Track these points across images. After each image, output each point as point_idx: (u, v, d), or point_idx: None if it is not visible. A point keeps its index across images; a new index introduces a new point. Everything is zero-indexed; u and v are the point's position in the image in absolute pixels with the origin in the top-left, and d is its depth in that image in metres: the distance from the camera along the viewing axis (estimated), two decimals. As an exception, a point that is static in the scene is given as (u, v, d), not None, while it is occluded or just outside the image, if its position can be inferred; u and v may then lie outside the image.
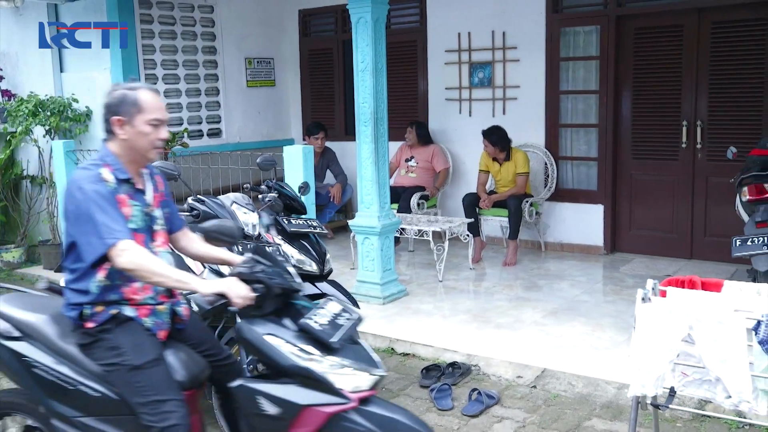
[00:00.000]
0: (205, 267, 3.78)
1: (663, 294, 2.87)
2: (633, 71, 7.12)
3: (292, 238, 4.30)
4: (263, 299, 2.62)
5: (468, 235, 6.86)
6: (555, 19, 7.41)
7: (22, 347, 2.77)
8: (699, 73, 6.74)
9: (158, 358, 2.70)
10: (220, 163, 6.83)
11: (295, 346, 2.57)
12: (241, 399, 2.66)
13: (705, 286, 2.91)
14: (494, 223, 7.46)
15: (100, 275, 2.67)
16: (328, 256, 4.43)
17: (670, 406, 2.90)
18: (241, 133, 9.03)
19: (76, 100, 7.85)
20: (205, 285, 2.62)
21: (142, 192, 2.81)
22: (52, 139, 7.69)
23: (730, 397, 2.58)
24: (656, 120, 7.07)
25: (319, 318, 2.63)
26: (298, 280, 2.78)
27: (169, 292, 2.90)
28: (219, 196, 3.92)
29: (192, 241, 3.11)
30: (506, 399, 4.19)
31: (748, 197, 4.69)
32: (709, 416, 3.72)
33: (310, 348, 2.57)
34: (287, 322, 2.66)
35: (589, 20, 7.27)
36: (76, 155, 7.29)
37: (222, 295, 2.57)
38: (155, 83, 8.02)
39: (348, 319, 2.70)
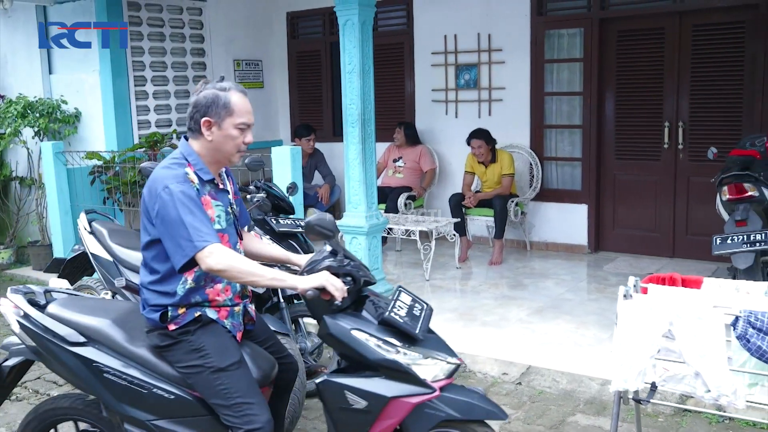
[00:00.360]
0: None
1: (644, 291, 2.95)
2: (616, 73, 7.25)
3: (281, 238, 4.37)
4: (349, 293, 2.65)
5: (454, 235, 6.95)
6: (539, 22, 7.52)
7: (89, 352, 2.72)
8: (680, 75, 6.87)
9: (241, 360, 2.70)
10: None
11: (381, 339, 2.61)
12: (327, 394, 2.66)
13: (685, 283, 3.01)
14: (480, 223, 7.57)
15: (188, 278, 2.65)
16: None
17: (652, 400, 2.99)
18: (230, 135, 9.06)
19: (65, 102, 7.89)
20: (302, 281, 2.59)
21: (225, 191, 2.80)
22: (41, 141, 7.73)
23: (709, 391, 2.65)
24: (639, 121, 7.20)
25: (399, 310, 2.67)
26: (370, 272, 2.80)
27: (242, 293, 2.88)
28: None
29: (253, 240, 3.10)
30: (492, 395, 4.28)
31: (728, 196, 4.81)
32: (690, 411, 3.83)
33: (394, 341, 2.62)
34: (367, 315, 2.69)
35: (573, 23, 7.39)
36: (65, 156, 7.33)
37: (321, 290, 2.56)
38: (144, 85, 8.08)
39: (421, 309, 2.76)
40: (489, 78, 7.87)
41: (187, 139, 2.75)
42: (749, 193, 4.69)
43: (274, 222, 4.39)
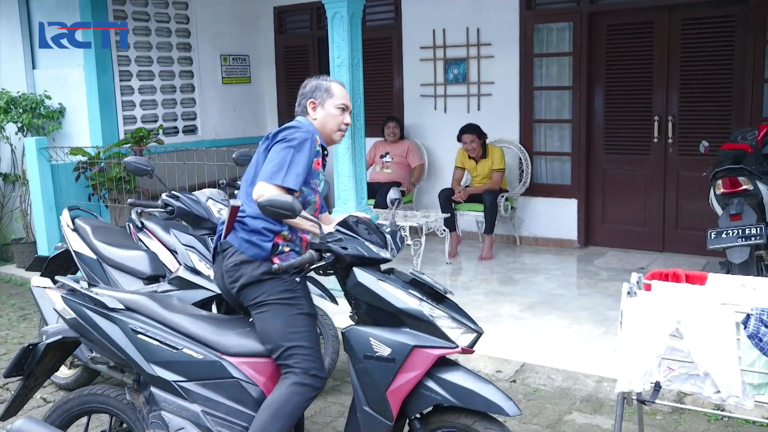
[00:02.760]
0: (180, 264, 3.76)
1: (648, 288, 2.89)
2: (605, 67, 7.22)
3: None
4: (333, 266, 2.80)
5: (444, 230, 6.91)
6: (528, 16, 7.48)
7: (126, 315, 2.89)
8: (670, 69, 6.86)
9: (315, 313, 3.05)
10: (196, 159, 6.79)
11: (406, 291, 2.72)
12: (353, 341, 2.75)
13: (689, 279, 2.95)
14: (470, 218, 7.52)
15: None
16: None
17: (656, 401, 2.93)
18: (217, 130, 8.98)
19: (48, 97, 7.77)
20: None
21: (323, 166, 3.18)
22: (25, 137, 7.60)
23: (718, 392, 2.59)
24: (628, 115, 7.18)
25: (424, 277, 2.79)
26: (386, 253, 2.87)
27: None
28: (194, 192, 3.91)
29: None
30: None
31: (722, 190, 4.78)
32: (688, 409, 3.79)
33: (420, 294, 2.73)
34: (393, 276, 2.83)
35: (562, 17, 7.35)
36: (48, 152, 7.21)
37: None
38: (129, 80, 7.97)
39: (443, 287, 2.84)
40: (478, 72, 7.82)
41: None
42: (743, 187, 4.67)
43: (264, 218, 4.32)
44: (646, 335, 2.64)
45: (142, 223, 4.23)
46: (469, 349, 2.76)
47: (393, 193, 3.38)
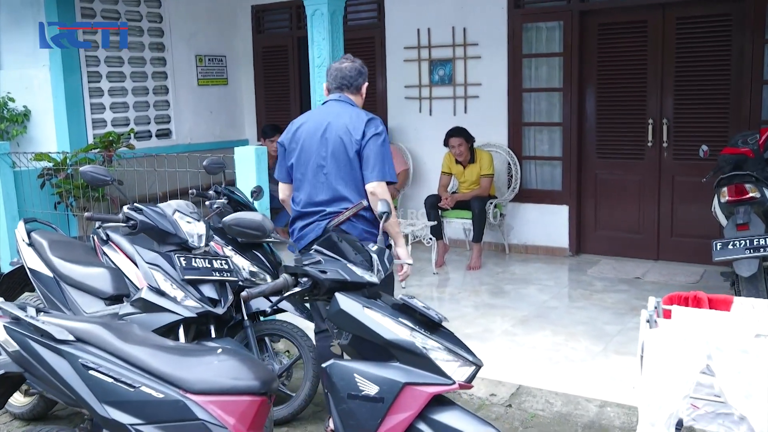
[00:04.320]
0: (146, 283, 3.40)
1: (667, 315, 2.56)
2: (597, 68, 6.94)
3: (244, 248, 3.96)
4: (310, 292, 2.47)
5: (431, 239, 6.58)
6: (517, 15, 7.18)
7: (76, 349, 2.56)
8: (664, 70, 6.59)
9: None
10: (168, 165, 6.40)
11: (395, 319, 2.40)
12: (335, 378, 2.42)
13: (713, 304, 2.63)
14: (457, 226, 7.22)
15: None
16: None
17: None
18: (192, 134, 8.61)
19: (12, 100, 7.37)
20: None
21: None
22: (-14, 141, 7.18)
23: None
24: (621, 118, 6.90)
25: (414, 302, 2.47)
26: (372, 276, 2.54)
27: None
28: (160, 204, 3.55)
29: None
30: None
31: (727, 198, 4.49)
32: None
33: (409, 323, 2.41)
34: (380, 302, 2.51)
35: (552, 16, 7.07)
36: (11, 158, 6.79)
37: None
38: (98, 81, 7.58)
39: (437, 314, 2.51)
40: (464, 74, 7.51)
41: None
42: (750, 195, 4.38)
43: (237, 231, 3.97)
44: (672, 373, 2.31)
45: (107, 235, 3.87)
46: (467, 385, 2.43)
47: (381, 206, 3.04)
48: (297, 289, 2.42)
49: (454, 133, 6.84)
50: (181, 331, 3.36)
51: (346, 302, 2.41)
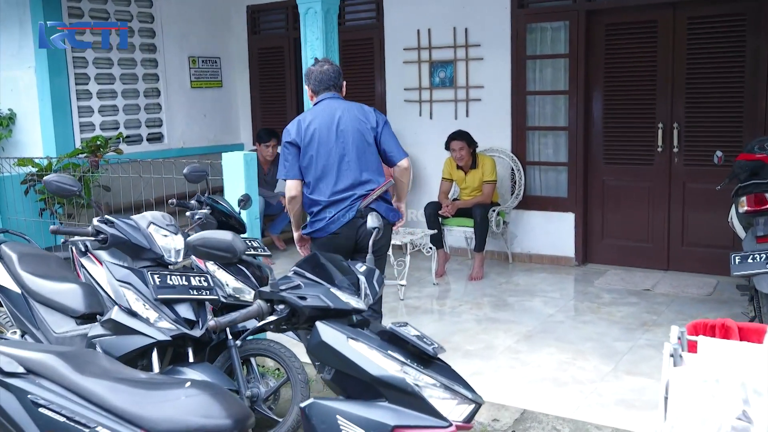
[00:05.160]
0: (116, 303, 3.12)
1: (693, 347, 2.26)
2: (604, 70, 6.65)
3: (227, 263, 3.67)
4: (288, 320, 2.18)
5: (431, 248, 6.30)
6: (521, 15, 6.90)
7: (26, 384, 2.30)
8: (675, 72, 6.30)
9: None
10: (159, 171, 6.09)
11: (384, 352, 2.12)
12: (315, 420, 2.14)
13: (744, 334, 2.33)
14: (458, 234, 6.93)
15: None
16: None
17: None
18: (185, 138, 8.34)
19: (-5, 103, 7.10)
20: None
21: None
22: (-31, 146, 6.93)
23: None
24: (630, 122, 6.61)
25: (405, 331, 2.18)
26: (358, 301, 2.25)
27: None
28: (133, 216, 3.27)
29: None
30: (480, 445, 3.63)
31: (746, 208, 4.20)
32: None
33: (400, 356, 2.12)
34: (367, 331, 2.24)
35: (557, 15, 6.79)
36: (-6, 164, 6.54)
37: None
38: (87, 83, 7.32)
39: (432, 344, 2.23)
40: (466, 76, 7.23)
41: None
42: (771, 205, 4.09)
43: (221, 243, 3.68)
44: (702, 420, 2.01)
45: (86, 246, 3.58)
46: (465, 425, 2.15)
47: (372, 220, 2.75)
48: (273, 318, 2.14)
49: (456, 137, 6.56)
50: (154, 355, 3.08)
51: (327, 333, 2.13)
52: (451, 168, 6.76)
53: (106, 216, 3.19)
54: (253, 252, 3.84)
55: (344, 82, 4.12)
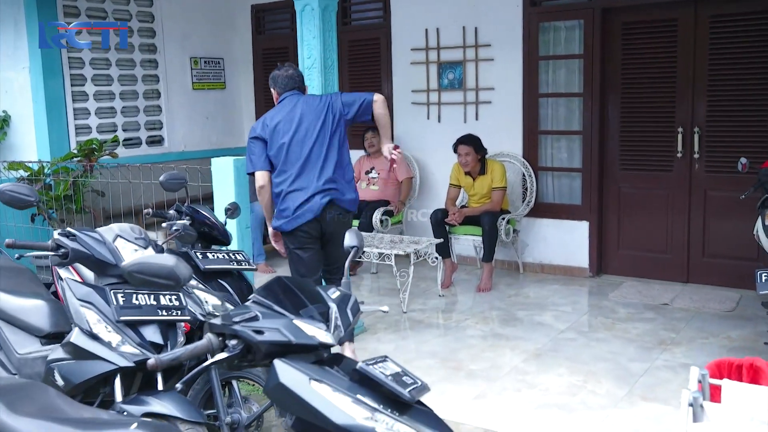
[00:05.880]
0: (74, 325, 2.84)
1: (715, 392, 1.93)
2: (621, 71, 6.31)
3: (207, 277, 3.40)
4: (243, 357, 1.87)
5: (436, 258, 5.99)
6: (533, 13, 6.58)
7: None
8: (696, 74, 5.95)
9: None
10: (154, 176, 5.81)
11: (353, 397, 1.82)
12: None
13: (776, 376, 2.01)
14: (467, 243, 6.62)
15: None
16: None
17: None
18: (187, 141, 8.09)
19: (-11, 104, 6.89)
20: None
21: None
22: (-38, 149, 6.73)
23: None
24: (648, 126, 6.26)
25: (381, 369, 1.88)
26: (326, 335, 1.92)
27: None
28: (99, 228, 3.00)
29: None
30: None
31: (773, 222, 3.87)
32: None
33: (371, 402, 1.82)
34: (334, 370, 1.94)
35: (572, 14, 6.46)
36: (-13, 168, 6.32)
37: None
38: (83, 85, 7.09)
39: (414, 383, 1.93)
40: (476, 77, 6.92)
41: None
42: (802, 218, 3.75)
43: (200, 257, 3.41)
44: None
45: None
46: None
47: (350, 238, 2.44)
48: (224, 355, 1.84)
49: (464, 141, 6.26)
50: (117, 382, 2.79)
51: (287, 373, 1.82)
52: (459, 174, 6.45)
53: (68, 228, 2.92)
54: (236, 266, 3.56)
55: (306, 86, 4.41)
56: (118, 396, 2.78)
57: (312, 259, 4.22)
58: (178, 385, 2.04)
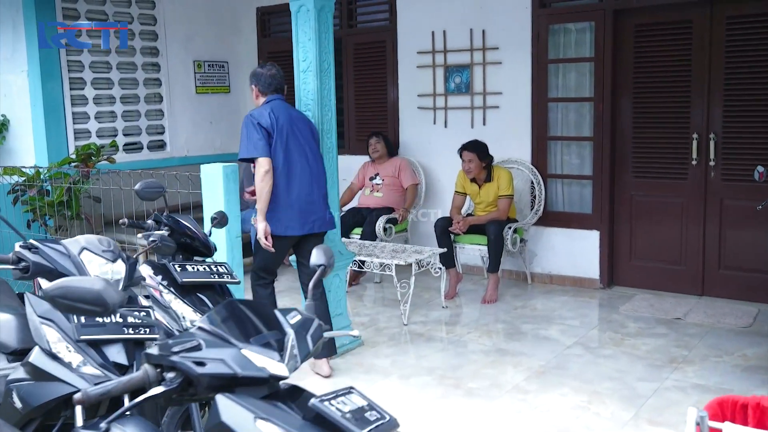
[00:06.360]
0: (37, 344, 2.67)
1: None
2: (633, 75, 6.07)
3: (186, 291, 3.22)
4: (184, 391, 1.66)
5: (439, 269, 5.77)
6: (542, 15, 6.36)
7: None
8: (712, 77, 5.71)
9: None
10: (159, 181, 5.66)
11: None
12: None
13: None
14: (473, 252, 6.40)
15: None
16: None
17: None
18: (189, 146, 7.94)
19: (-13, 108, 6.78)
20: None
21: None
22: (-41, 153, 6.62)
23: None
24: (661, 132, 6.02)
25: (341, 405, 1.65)
26: (279, 365, 1.69)
27: None
28: (64, 241, 2.83)
29: None
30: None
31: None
32: None
33: None
34: (287, 406, 1.70)
35: (582, 15, 6.24)
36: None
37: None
38: (82, 88, 6.96)
39: (379, 419, 1.68)
40: (483, 81, 6.71)
41: None
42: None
43: (178, 269, 3.22)
44: None
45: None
46: None
47: (317, 256, 2.23)
48: (160, 389, 1.65)
49: (468, 147, 6.06)
50: (78, 406, 2.61)
51: (230, 410, 1.60)
52: (465, 181, 6.24)
53: (31, 240, 2.75)
54: (217, 279, 3.36)
55: (285, 86, 4.55)
56: (79, 420, 2.58)
57: (281, 255, 4.48)
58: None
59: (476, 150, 6.01)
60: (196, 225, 3.54)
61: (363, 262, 5.65)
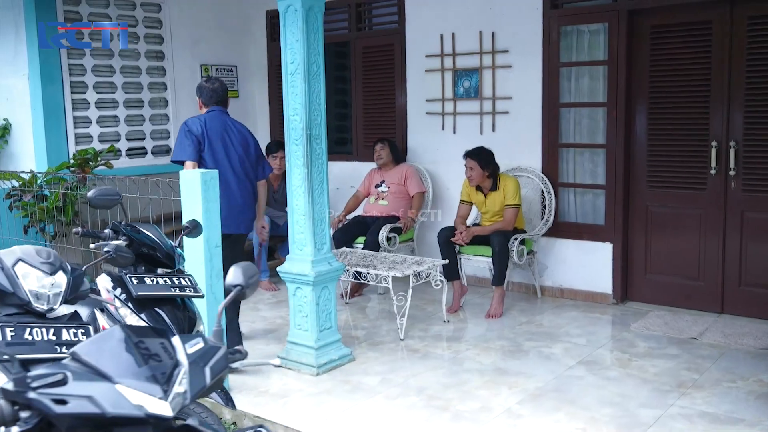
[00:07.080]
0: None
1: None
2: (649, 79, 5.76)
3: (142, 305, 3.02)
4: None
5: (440, 281, 5.51)
6: (554, 16, 6.08)
7: None
8: (732, 81, 5.37)
9: None
10: (153, 187, 5.45)
11: None
12: None
13: None
14: (479, 263, 6.13)
15: None
16: (201, 328, 3.16)
17: None
18: (196, 151, 7.78)
19: (-11, 112, 6.71)
20: None
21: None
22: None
23: None
24: (678, 140, 5.70)
25: None
26: (160, 404, 1.48)
27: None
28: (0, 251, 2.64)
29: None
30: None
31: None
32: None
33: None
34: None
35: (595, 17, 5.94)
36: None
37: None
38: (84, 92, 6.86)
39: None
40: (493, 85, 6.44)
41: None
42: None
43: (134, 282, 3.03)
44: None
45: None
46: None
47: (234, 275, 2.00)
48: (15, 430, 1.44)
49: (469, 154, 5.82)
50: (13, 429, 2.42)
51: None
52: (470, 189, 5.98)
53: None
54: (177, 293, 3.16)
55: (229, 98, 4.96)
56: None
57: (228, 255, 4.45)
58: None
59: (477, 157, 5.75)
60: (160, 234, 3.34)
61: (359, 273, 5.42)
